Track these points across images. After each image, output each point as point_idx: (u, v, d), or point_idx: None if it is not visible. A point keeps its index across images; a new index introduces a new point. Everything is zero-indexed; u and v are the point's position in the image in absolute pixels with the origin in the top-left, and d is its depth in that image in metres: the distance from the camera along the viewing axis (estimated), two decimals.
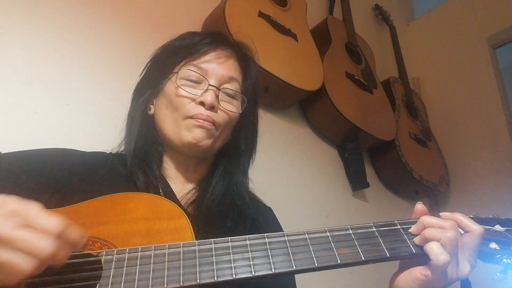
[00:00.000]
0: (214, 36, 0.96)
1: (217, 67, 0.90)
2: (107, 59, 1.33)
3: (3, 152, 0.81)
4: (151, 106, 0.93)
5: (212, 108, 0.86)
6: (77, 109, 1.22)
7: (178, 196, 0.87)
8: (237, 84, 0.92)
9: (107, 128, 1.16)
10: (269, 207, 1.04)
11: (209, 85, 0.87)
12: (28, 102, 1.13)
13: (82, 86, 1.25)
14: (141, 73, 0.98)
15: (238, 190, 0.91)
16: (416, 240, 0.65)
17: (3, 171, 0.77)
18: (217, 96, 0.87)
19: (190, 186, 0.91)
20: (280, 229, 1.00)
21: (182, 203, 0.86)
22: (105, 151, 0.94)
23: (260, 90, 1.02)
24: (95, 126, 1.23)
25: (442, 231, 0.62)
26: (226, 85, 0.90)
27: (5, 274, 0.49)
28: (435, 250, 0.61)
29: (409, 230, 0.67)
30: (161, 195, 0.80)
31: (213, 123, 0.86)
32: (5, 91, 1.11)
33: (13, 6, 1.18)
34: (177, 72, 0.89)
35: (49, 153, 0.85)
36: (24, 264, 0.48)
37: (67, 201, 0.74)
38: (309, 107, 1.91)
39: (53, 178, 0.79)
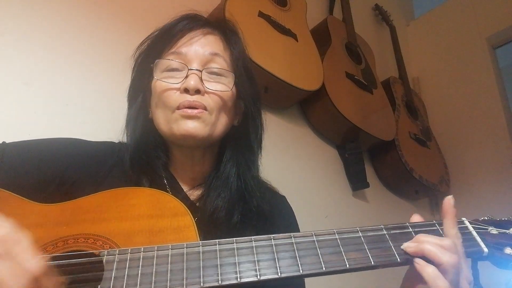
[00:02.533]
0: (190, 17, 0.89)
1: (196, 46, 0.83)
2: (107, 59, 1.32)
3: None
4: (149, 109, 0.87)
5: (198, 92, 0.79)
6: (77, 109, 1.21)
7: (186, 191, 0.85)
8: (222, 60, 0.85)
9: (107, 128, 1.15)
10: (283, 196, 1.00)
11: (189, 69, 0.81)
12: (28, 102, 1.13)
13: (82, 86, 1.24)
14: (131, 76, 0.92)
15: (246, 183, 0.86)
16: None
17: (8, 160, 0.74)
18: (200, 79, 0.80)
19: (198, 180, 0.88)
20: (294, 220, 0.96)
21: (191, 198, 0.84)
22: (113, 140, 0.91)
23: (251, 66, 0.93)
24: (95, 126, 1.22)
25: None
26: (210, 64, 0.83)
27: None
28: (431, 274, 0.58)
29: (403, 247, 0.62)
30: (168, 192, 0.78)
31: (204, 108, 0.79)
32: (5, 91, 1.10)
33: (13, 6, 1.18)
34: (154, 66, 0.84)
35: (55, 143, 0.83)
36: None
37: (73, 193, 0.73)
38: (309, 107, 1.91)
39: (59, 169, 0.77)
